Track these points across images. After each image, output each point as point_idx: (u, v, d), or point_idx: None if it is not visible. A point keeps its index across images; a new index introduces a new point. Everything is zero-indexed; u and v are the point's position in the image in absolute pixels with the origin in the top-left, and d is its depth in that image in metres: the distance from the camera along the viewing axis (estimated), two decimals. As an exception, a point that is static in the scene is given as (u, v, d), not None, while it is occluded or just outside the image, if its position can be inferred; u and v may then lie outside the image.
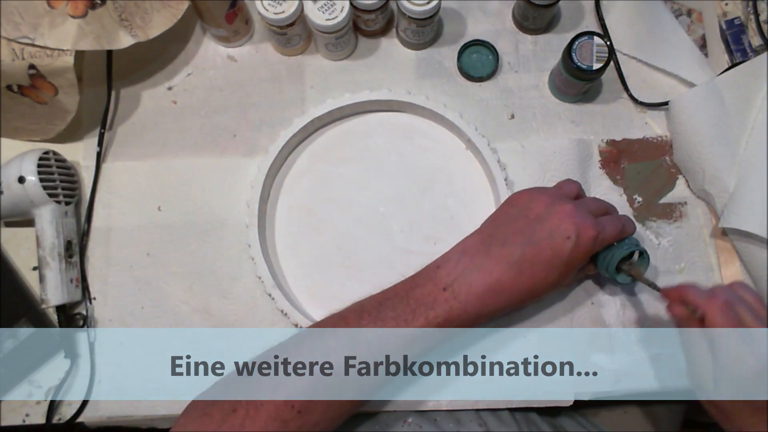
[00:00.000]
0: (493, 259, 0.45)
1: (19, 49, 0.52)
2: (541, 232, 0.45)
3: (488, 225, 0.48)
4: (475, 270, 0.45)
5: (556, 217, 0.45)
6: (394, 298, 0.46)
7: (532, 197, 0.48)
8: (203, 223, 0.59)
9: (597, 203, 0.51)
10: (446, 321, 0.44)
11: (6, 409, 0.56)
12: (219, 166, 0.61)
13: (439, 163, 0.60)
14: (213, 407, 0.42)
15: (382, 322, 0.44)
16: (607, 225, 0.47)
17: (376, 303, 0.46)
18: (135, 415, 0.55)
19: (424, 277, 0.47)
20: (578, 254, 0.45)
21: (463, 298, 0.44)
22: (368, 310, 0.45)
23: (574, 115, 0.62)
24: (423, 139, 0.61)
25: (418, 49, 0.64)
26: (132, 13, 0.55)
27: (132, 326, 0.57)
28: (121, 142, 0.61)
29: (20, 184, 0.53)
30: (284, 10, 0.56)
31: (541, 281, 0.45)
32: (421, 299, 0.45)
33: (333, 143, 0.61)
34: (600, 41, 0.55)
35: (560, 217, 0.45)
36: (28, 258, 0.59)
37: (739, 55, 0.63)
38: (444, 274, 0.45)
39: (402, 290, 0.46)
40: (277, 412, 0.41)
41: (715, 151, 0.57)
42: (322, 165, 0.61)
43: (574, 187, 0.51)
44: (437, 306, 0.44)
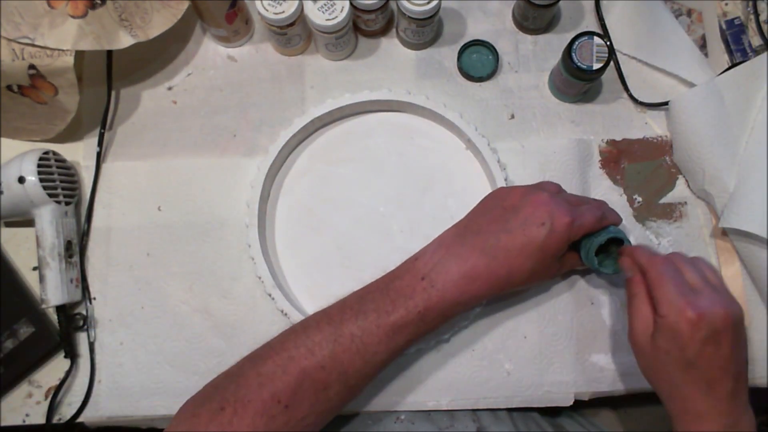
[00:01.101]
0: (468, 247, 0.46)
1: (19, 49, 0.52)
2: (516, 220, 0.46)
3: (465, 218, 0.50)
4: (450, 259, 0.46)
5: (530, 206, 0.46)
6: (374, 291, 0.47)
7: (508, 190, 0.49)
8: (203, 223, 0.59)
9: (577, 197, 0.52)
10: (426, 309, 0.45)
11: (6, 409, 0.56)
12: (219, 166, 0.61)
13: (439, 163, 0.60)
14: (202, 407, 0.43)
15: (363, 315, 0.45)
16: (585, 212, 0.48)
17: (357, 298, 0.47)
18: (135, 415, 0.55)
19: (402, 269, 0.48)
20: (553, 241, 0.46)
21: (441, 286, 0.45)
22: (350, 305, 0.46)
23: (574, 115, 0.62)
24: (423, 139, 0.61)
25: (418, 49, 0.64)
26: (132, 13, 0.55)
27: (132, 326, 0.57)
28: (121, 142, 0.61)
29: (20, 184, 0.53)
30: (284, 10, 0.56)
31: (517, 268, 0.46)
32: (400, 290, 0.46)
33: (333, 143, 0.61)
34: (600, 41, 0.55)
35: (534, 206, 0.46)
36: (28, 258, 0.59)
37: (739, 55, 0.63)
38: (421, 265, 0.47)
39: (382, 284, 0.47)
40: (264, 408, 0.42)
41: (715, 151, 0.57)
42: (322, 165, 0.61)
43: (554, 185, 0.52)
44: (416, 295, 0.45)
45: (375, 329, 0.44)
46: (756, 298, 0.57)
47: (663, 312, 0.43)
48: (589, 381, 0.56)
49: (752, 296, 0.57)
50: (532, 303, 0.57)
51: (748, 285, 0.58)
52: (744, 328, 0.44)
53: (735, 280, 0.58)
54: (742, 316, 0.44)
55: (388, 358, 0.46)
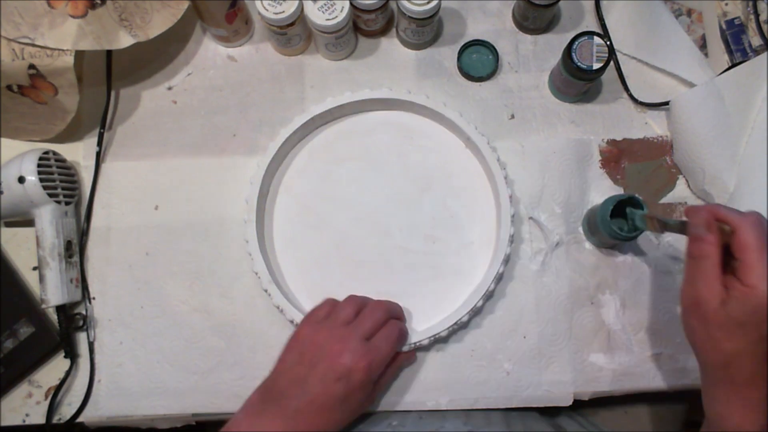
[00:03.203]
0: (269, 418, 0.45)
1: (19, 49, 0.52)
2: (314, 378, 0.46)
3: (270, 377, 0.49)
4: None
5: (327, 359, 0.46)
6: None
7: (308, 336, 0.49)
8: (203, 222, 0.59)
9: (373, 318, 0.50)
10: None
11: (6, 409, 0.56)
12: (218, 165, 0.61)
13: (439, 163, 0.60)
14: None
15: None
16: (381, 344, 0.48)
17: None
18: (135, 415, 0.55)
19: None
20: (354, 389, 0.46)
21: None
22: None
23: (574, 115, 0.62)
24: (423, 138, 0.61)
25: (418, 49, 0.64)
26: (132, 13, 0.55)
27: (132, 326, 0.57)
28: (121, 142, 0.61)
29: (20, 184, 0.53)
30: (284, 10, 0.56)
31: (324, 425, 0.46)
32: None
33: (333, 141, 0.61)
34: (600, 41, 0.55)
35: (331, 359, 0.46)
36: (28, 258, 0.59)
37: (739, 55, 0.63)
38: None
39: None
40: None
41: (715, 151, 0.57)
42: (321, 163, 0.61)
43: (350, 309, 0.51)
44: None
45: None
46: (756, 298, 0.57)
47: (751, 281, 0.39)
48: (589, 381, 0.56)
49: (752, 296, 0.57)
50: (532, 303, 0.57)
51: (748, 285, 0.58)
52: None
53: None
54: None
55: None
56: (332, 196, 0.60)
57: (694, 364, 0.56)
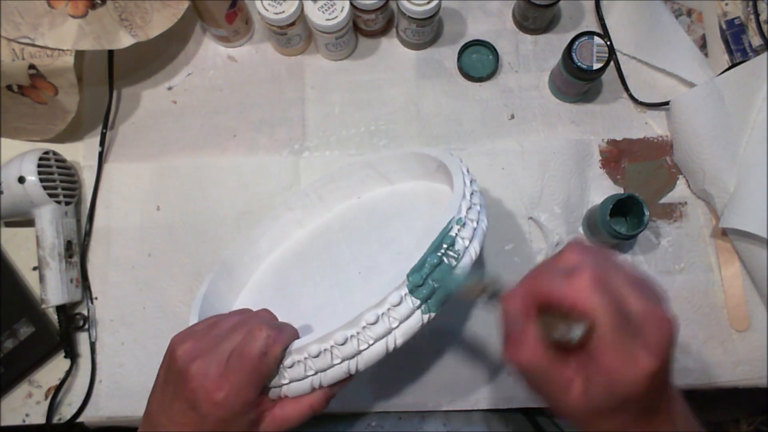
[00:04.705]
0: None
1: (19, 49, 0.52)
2: (177, 406, 0.38)
3: (149, 400, 0.42)
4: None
5: (182, 387, 0.38)
6: None
7: (175, 357, 0.40)
8: (203, 223, 0.59)
9: (228, 323, 0.40)
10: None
11: (6, 409, 0.56)
12: (219, 166, 0.61)
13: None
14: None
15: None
16: (234, 369, 0.37)
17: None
18: (135, 416, 0.55)
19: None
20: (210, 418, 0.37)
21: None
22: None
23: (574, 115, 0.62)
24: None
25: (418, 49, 0.64)
26: (132, 13, 0.55)
27: (133, 326, 0.57)
28: (122, 142, 0.61)
29: (20, 184, 0.53)
30: (284, 10, 0.56)
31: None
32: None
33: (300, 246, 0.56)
34: (600, 41, 0.55)
35: (183, 384, 0.38)
36: (28, 258, 0.59)
37: (739, 55, 0.63)
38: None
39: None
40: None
41: (715, 151, 0.57)
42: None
43: (234, 319, 0.41)
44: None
45: None
46: (756, 298, 0.57)
47: (608, 362, 0.33)
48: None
49: (752, 296, 0.57)
50: (532, 303, 0.57)
51: (748, 285, 0.58)
52: None
53: (735, 280, 0.58)
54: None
55: None
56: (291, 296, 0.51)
57: (694, 364, 0.56)
